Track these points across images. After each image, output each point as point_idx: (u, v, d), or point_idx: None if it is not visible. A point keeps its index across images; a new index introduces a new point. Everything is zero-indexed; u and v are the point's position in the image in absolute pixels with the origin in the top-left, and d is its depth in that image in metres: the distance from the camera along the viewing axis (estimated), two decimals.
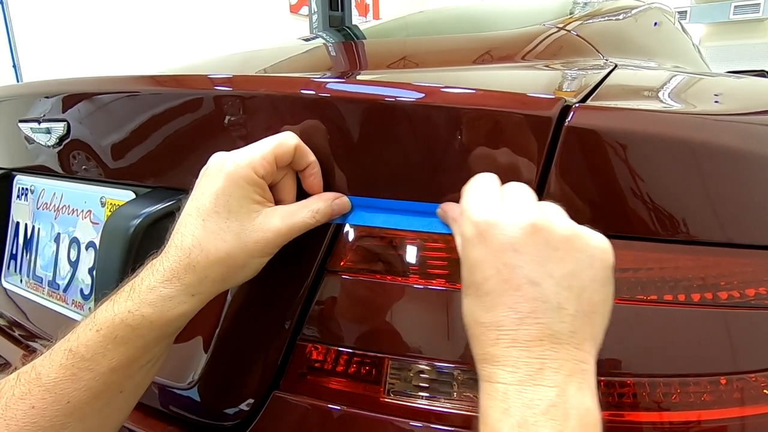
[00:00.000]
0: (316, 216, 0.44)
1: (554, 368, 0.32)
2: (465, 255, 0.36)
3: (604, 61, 0.80)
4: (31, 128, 0.65)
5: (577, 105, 0.40)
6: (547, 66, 0.73)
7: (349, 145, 0.45)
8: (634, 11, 1.15)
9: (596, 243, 0.35)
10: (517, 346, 0.32)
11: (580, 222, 0.35)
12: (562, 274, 0.33)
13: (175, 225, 0.43)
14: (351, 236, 0.46)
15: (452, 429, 0.42)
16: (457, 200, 0.42)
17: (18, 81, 3.50)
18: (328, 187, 0.46)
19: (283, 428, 0.47)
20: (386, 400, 0.44)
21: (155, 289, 0.40)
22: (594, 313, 0.34)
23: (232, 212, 0.41)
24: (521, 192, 0.37)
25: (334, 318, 0.46)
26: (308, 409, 0.46)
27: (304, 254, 0.47)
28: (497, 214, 0.35)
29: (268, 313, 0.48)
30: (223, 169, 0.42)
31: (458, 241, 0.39)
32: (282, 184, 0.46)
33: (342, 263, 0.46)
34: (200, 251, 0.40)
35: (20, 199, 0.78)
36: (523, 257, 0.33)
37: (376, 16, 6.50)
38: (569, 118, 0.39)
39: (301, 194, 0.46)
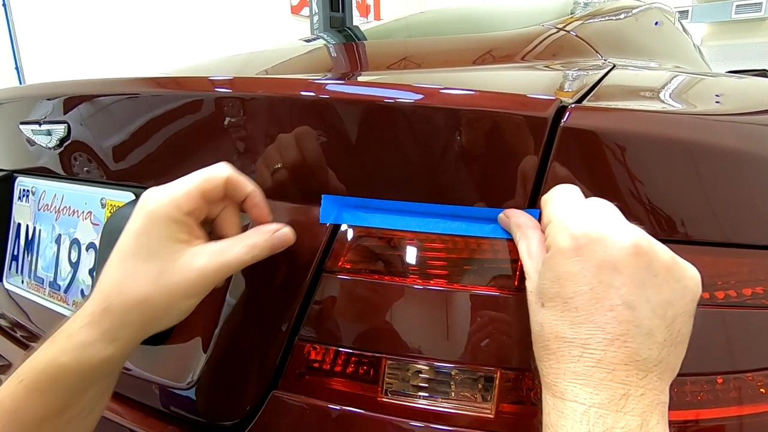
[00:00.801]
0: (252, 251, 0.41)
1: (637, 396, 0.31)
2: (554, 266, 0.34)
3: (603, 61, 0.80)
4: (32, 130, 0.65)
5: (573, 105, 0.40)
6: (545, 66, 0.73)
7: (348, 146, 0.45)
8: (634, 11, 1.15)
9: (691, 274, 0.34)
10: (601, 368, 0.31)
11: None
12: (658, 301, 0.32)
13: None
14: (349, 236, 0.46)
15: (450, 429, 0.42)
16: (455, 201, 0.42)
17: (20, 83, 3.51)
18: (325, 189, 0.46)
19: (282, 428, 0.47)
20: (384, 400, 0.44)
21: (73, 336, 0.38)
22: (679, 344, 0.33)
23: (152, 253, 0.39)
24: (614, 210, 0.35)
25: (332, 318, 0.46)
26: (306, 408, 0.46)
27: (302, 254, 0.47)
28: (600, 229, 0.33)
29: (267, 313, 0.48)
30: (144, 208, 0.40)
31: (523, 248, 0.38)
32: (223, 217, 0.44)
33: (340, 263, 0.46)
34: (117, 295, 0.39)
35: (21, 201, 0.78)
36: (622, 278, 0.32)
37: (377, 17, 6.51)
38: (565, 119, 0.39)
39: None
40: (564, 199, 0.37)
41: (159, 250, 0.39)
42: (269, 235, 0.42)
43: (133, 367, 0.56)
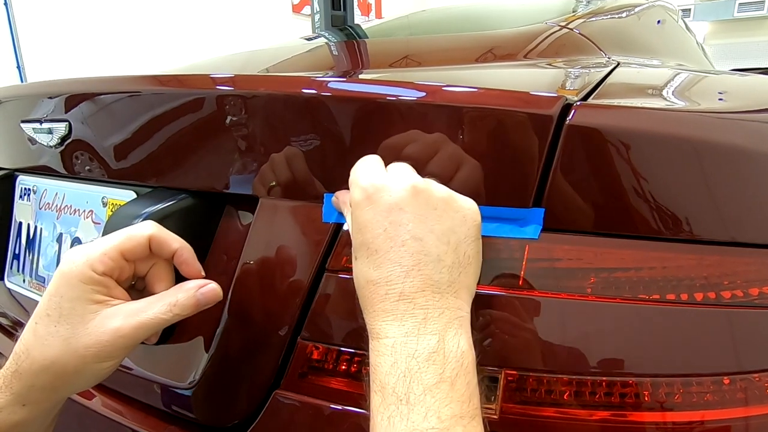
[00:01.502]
0: (174, 309, 0.40)
1: (435, 317, 0.35)
2: (355, 219, 0.39)
3: (607, 59, 0.79)
4: (33, 128, 0.65)
5: (578, 103, 0.40)
6: (549, 64, 0.73)
7: (350, 144, 0.45)
8: (637, 9, 1.15)
9: (468, 204, 0.39)
10: (404, 299, 0.35)
11: (584, 223, 0.35)
12: (441, 230, 0.37)
13: None
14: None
15: None
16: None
17: (22, 81, 3.51)
18: (329, 186, 0.46)
19: (284, 428, 0.47)
20: None
21: None
22: (468, 265, 0.38)
23: (63, 315, 0.38)
24: (402, 165, 0.40)
25: (334, 318, 0.45)
26: (309, 408, 0.46)
27: (304, 253, 0.46)
28: (383, 179, 0.38)
29: (269, 312, 0.48)
30: (60, 268, 0.40)
31: (350, 220, 0.41)
32: (153, 273, 0.43)
33: (342, 263, 0.45)
34: (26, 357, 0.38)
35: (23, 200, 0.78)
36: (407, 215, 0.36)
37: (378, 16, 6.50)
38: (570, 117, 0.39)
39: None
40: (360, 164, 0.41)
41: (71, 312, 0.39)
42: (193, 292, 0.42)
43: (135, 366, 0.55)
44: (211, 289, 0.42)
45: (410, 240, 0.36)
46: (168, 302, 0.41)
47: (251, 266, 0.49)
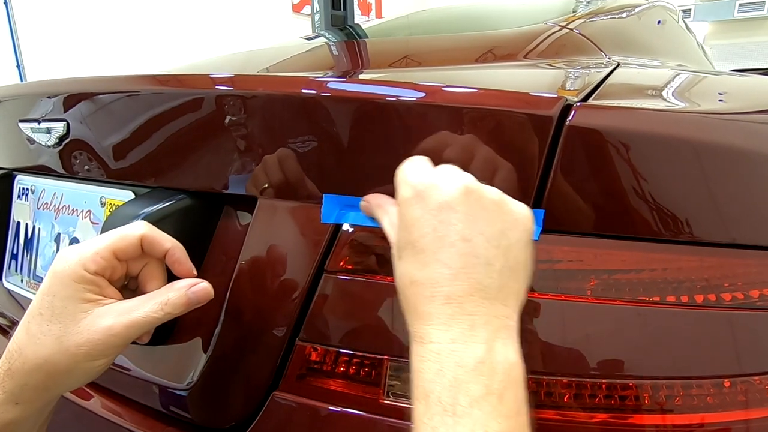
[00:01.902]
0: (165, 308, 0.40)
1: (483, 324, 0.33)
2: (402, 216, 0.37)
3: (607, 59, 0.79)
4: (31, 128, 0.65)
5: (578, 104, 0.40)
6: (549, 65, 0.72)
7: (350, 144, 0.44)
8: (637, 9, 1.14)
9: (520, 209, 0.37)
10: (450, 302, 0.34)
11: (584, 224, 0.35)
12: (491, 233, 0.35)
13: None
14: (350, 237, 0.45)
15: None
16: None
17: (22, 81, 3.51)
18: (328, 187, 0.45)
19: (282, 429, 0.47)
20: (386, 401, 0.43)
21: None
22: (518, 271, 0.36)
23: (55, 314, 0.38)
24: (452, 166, 0.39)
25: (333, 319, 0.45)
26: (307, 410, 0.46)
27: (303, 254, 0.46)
28: (434, 177, 0.37)
29: (267, 313, 0.48)
30: (53, 267, 0.40)
31: (386, 222, 0.40)
32: (145, 273, 0.43)
33: (341, 264, 0.45)
34: (19, 356, 0.38)
35: (21, 199, 0.78)
36: (457, 215, 0.35)
37: (378, 15, 6.50)
38: (570, 117, 0.39)
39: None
40: (409, 163, 0.39)
41: (63, 311, 0.39)
42: (184, 290, 0.42)
43: (133, 367, 0.55)
44: (202, 287, 0.42)
45: (459, 241, 0.34)
46: (159, 301, 0.41)
47: (249, 267, 0.49)
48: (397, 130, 0.43)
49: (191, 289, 0.42)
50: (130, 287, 0.45)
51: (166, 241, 0.43)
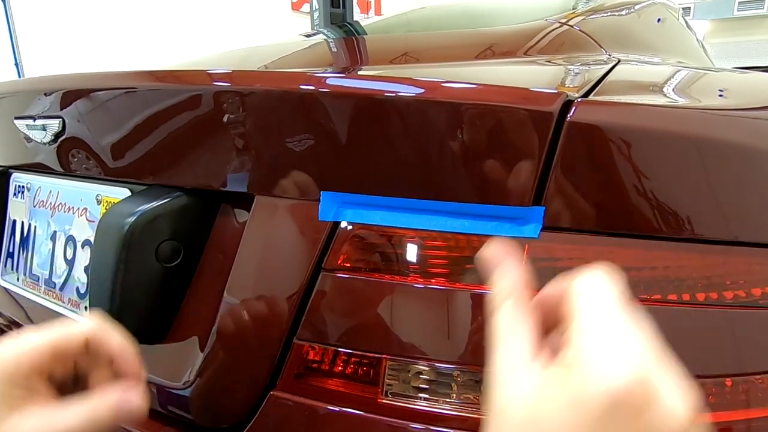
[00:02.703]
0: (87, 424, 0.36)
1: None
2: (569, 415, 0.23)
3: (607, 56, 0.79)
4: (26, 125, 0.64)
5: (579, 100, 0.39)
6: (549, 61, 0.72)
7: (348, 141, 0.44)
8: (637, 7, 1.14)
9: None
10: None
11: (584, 222, 0.34)
12: None
13: None
14: (348, 234, 0.45)
15: (451, 431, 0.41)
16: (457, 198, 0.41)
17: (20, 78, 3.50)
18: (327, 184, 0.45)
19: (280, 429, 0.46)
20: (384, 401, 0.43)
21: None
22: None
23: None
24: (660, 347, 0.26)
25: (331, 318, 0.45)
26: (305, 409, 0.45)
27: (301, 252, 0.46)
28: (653, 383, 0.23)
29: (265, 312, 0.47)
30: None
31: (504, 352, 0.29)
32: (92, 372, 0.40)
33: (339, 261, 0.45)
34: None
35: (17, 197, 0.77)
36: None
37: (377, 13, 6.49)
38: (571, 114, 0.38)
39: None
40: (603, 311, 0.26)
41: None
42: (114, 401, 0.38)
43: None
44: (132, 401, 0.38)
45: None
46: (83, 411, 0.37)
47: (247, 265, 0.49)
48: (396, 126, 0.42)
49: (122, 400, 0.38)
50: (80, 382, 0.41)
51: (114, 340, 0.39)
